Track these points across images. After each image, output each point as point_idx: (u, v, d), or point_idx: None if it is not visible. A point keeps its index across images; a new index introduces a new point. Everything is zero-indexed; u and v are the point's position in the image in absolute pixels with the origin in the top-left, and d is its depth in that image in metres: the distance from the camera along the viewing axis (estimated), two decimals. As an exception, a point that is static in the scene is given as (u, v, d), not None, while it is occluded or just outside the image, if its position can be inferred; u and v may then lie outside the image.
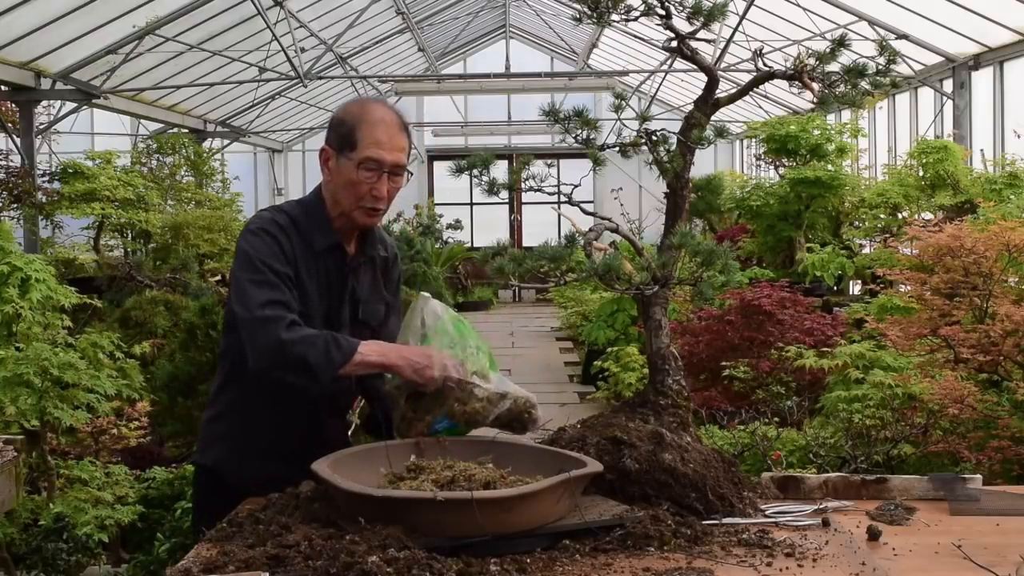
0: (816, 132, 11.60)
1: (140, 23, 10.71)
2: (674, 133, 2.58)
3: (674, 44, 2.59)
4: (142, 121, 14.78)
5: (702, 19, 2.49)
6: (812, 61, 2.53)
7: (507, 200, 20.69)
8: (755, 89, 2.79)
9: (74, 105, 11.43)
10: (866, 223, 10.53)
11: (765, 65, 2.62)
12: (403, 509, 1.97)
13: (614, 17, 2.56)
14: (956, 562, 1.94)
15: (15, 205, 10.10)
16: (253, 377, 2.57)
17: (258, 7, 11.00)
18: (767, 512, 2.26)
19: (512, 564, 1.91)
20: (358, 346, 2.46)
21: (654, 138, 2.59)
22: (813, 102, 2.65)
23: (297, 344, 2.42)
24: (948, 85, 11.02)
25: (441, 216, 19.04)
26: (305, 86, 14.60)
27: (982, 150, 10.20)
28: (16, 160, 10.55)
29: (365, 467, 2.27)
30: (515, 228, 21.09)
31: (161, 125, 14.80)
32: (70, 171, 10.66)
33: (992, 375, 5.16)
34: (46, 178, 10.71)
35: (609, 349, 9.46)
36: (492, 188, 2.64)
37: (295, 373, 2.47)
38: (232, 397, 2.76)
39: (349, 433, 2.77)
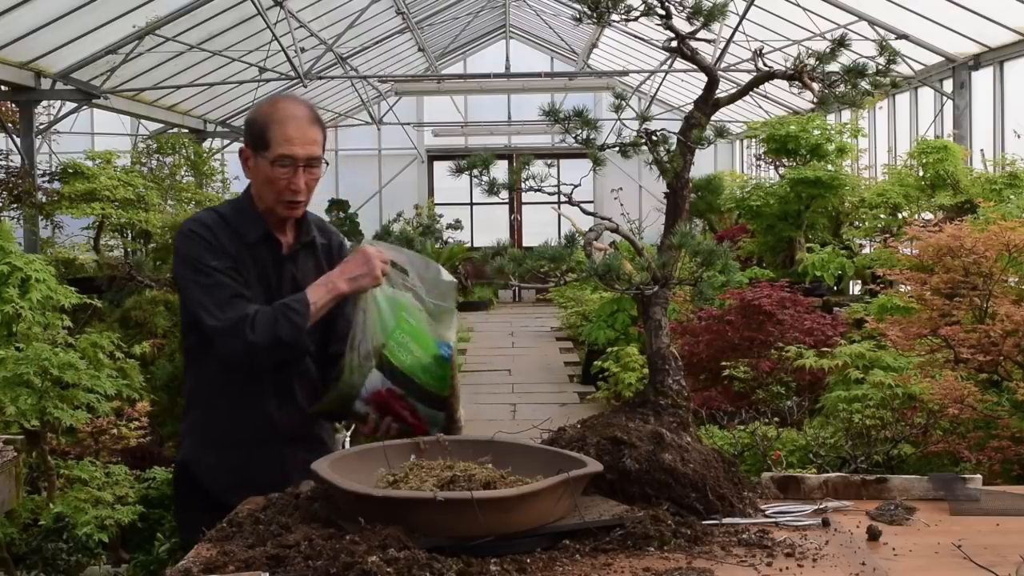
0: (816, 132, 11.59)
1: (140, 23, 10.71)
2: (674, 133, 2.58)
3: (674, 44, 2.59)
4: (142, 121, 14.78)
5: (702, 19, 2.49)
6: (812, 61, 2.53)
7: (507, 200, 20.69)
8: (755, 89, 2.79)
9: (74, 105, 11.43)
10: (866, 223, 10.53)
11: (765, 65, 2.62)
12: (403, 509, 1.96)
13: (614, 17, 2.56)
14: (956, 562, 1.94)
15: (15, 205, 10.09)
16: (206, 371, 2.76)
17: (258, 7, 11.00)
18: (767, 512, 2.26)
19: (512, 564, 1.91)
20: (308, 298, 2.61)
21: (654, 138, 2.59)
22: (813, 102, 2.66)
23: (263, 335, 2.57)
24: (948, 85, 11.02)
25: (441, 216, 19.03)
26: (305, 86, 14.59)
27: (982, 150, 10.20)
28: (16, 160, 10.55)
29: (365, 467, 2.27)
30: (515, 228, 21.08)
31: (161, 125, 14.80)
32: (70, 171, 10.64)
33: (992, 375, 5.16)
34: (46, 178, 10.70)
35: (609, 349, 9.46)
36: (492, 188, 2.64)
37: (275, 356, 2.66)
38: (192, 392, 2.89)
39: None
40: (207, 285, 2.63)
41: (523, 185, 2.59)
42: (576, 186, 2.69)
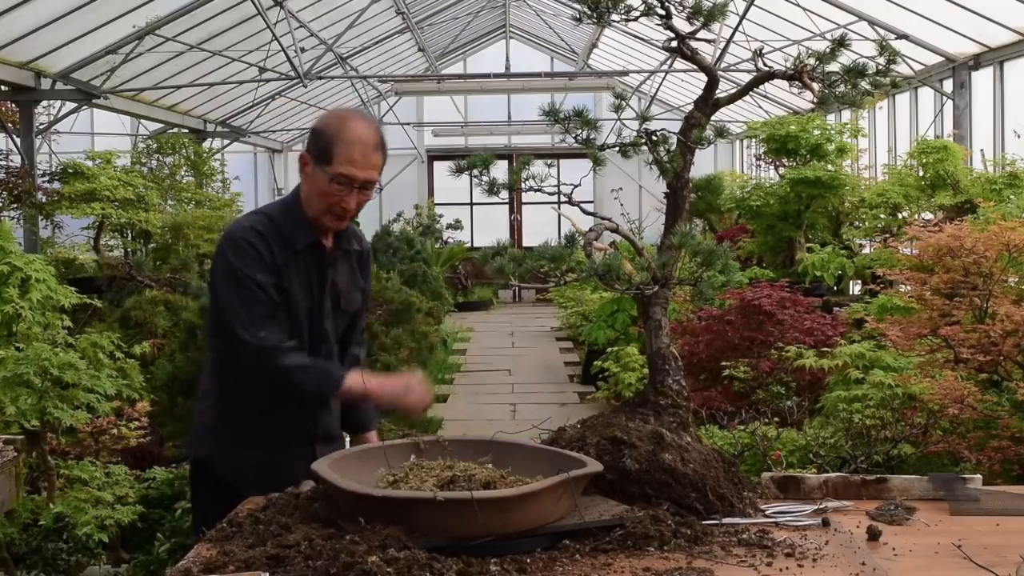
0: (816, 132, 11.59)
1: (140, 23, 10.70)
2: (674, 133, 2.58)
3: (674, 44, 2.59)
4: (142, 121, 14.77)
5: (702, 19, 2.49)
6: (812, 61, 2.54)
7: (507, 200, 20.69)
8: (755, 89, 2.79)
9: (74, 105, 11.43)
10: (866, 223, 10.53)
11: (765, 65, 2.62)
12: (403, 509, 1.96)
13: (614, 17, 2.56)
14: (956, 562, 1.94)
15: (15, 205, 10.09)
16: (243, 375, 2.79)
17: (258, 7, 10.99)
18: (767, 512, 2.26)
19: (512, 564, 1.91)
20: (344, 378, 2.73)
21: (654, 138, 2.59)
22: (813, 102, 2.66)
23: (295, 373, 2.71)
24: (948, 85, 11.02)
25: (441, 216, 19.03)
26: (305, 86, 14.60)
27: (982, 150, 10.20)
28: (16, 160, 10.54)
29: (365, 467, 2.27)
30: (515, 228, 21.08)
31: (161, 125, 14.80)
32: (70, 171, 10.65)
33: (992, 375, 5.16)
34: (46, 178, 10.70)
35: (609, 349, 9.45)
36: (492, 188, 2.64)
37: (290, 392, 2.78)
38: (222, 392, 2.92)
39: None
40: (247, 299, 2.70)
41: (523, 185, 2.60)
42: (576, 186, 2.69)
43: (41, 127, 11.17)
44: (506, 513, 1.96)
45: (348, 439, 4.60)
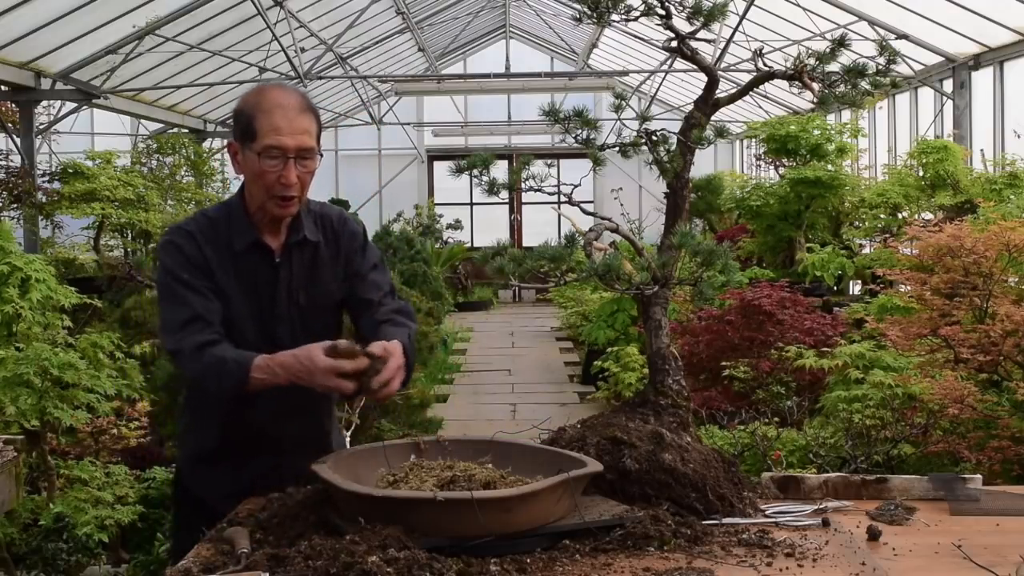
0: (816, 132, 11.59)
1: (140, 23, 10.71)
2: (674, 133, 2.59)
3: (674, 44, 2.59)
4: (142, 121, 14.79)
5: (702, 19, 2.49)
6: (812, 61, 2.54)
7: (507, 200, 20.69)
8: (755, 89, 2.80)
9: (74, 105, 11.44)
10: (866, 223, 10.53)
11: (765, 65, 2.62)
12: (403, 509, 1.96)
13: (614, 17, 2.57)
14: (956, 562, 1.94)
15: (15, 205, 10.10)
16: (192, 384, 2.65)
17: (258, 7, 11.00)
18: (767, 512, 2.26)
19: (512, 564, 1.91)
20: (249, 368, 2.38)
21: (654, 138, 2.59)
22: (813, 102, 2.66)
23: (195, 373, 2.48)
24: (948, 85, 11.02)
25: (441, 216, 19.04)
26: (305, 86, 14.58)
27: (982, 150, 10.20)
28: (16, 160, 10.56)
29: (365, 467, 2.27)
30: (515, 228, 21.08)
31: (161, 125, 14.81)
32: (70, 171, 10.65)
33: (992, 375, 5.16)
34: (46, 178, 10.71)
35: (609, 349, 9.45)
36: (492, 188, 2.64)
37: (240, 399, 2.48)
38: (187, 403, 2.79)
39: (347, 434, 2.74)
40: (170, 301, 2.52)
41: (523, 185, 2.60)
42: (576, 186, 2.69)
43: (41, 127, 11.18)
44: (506, 513, 1.96)
45: (348, 439, 4.57)
